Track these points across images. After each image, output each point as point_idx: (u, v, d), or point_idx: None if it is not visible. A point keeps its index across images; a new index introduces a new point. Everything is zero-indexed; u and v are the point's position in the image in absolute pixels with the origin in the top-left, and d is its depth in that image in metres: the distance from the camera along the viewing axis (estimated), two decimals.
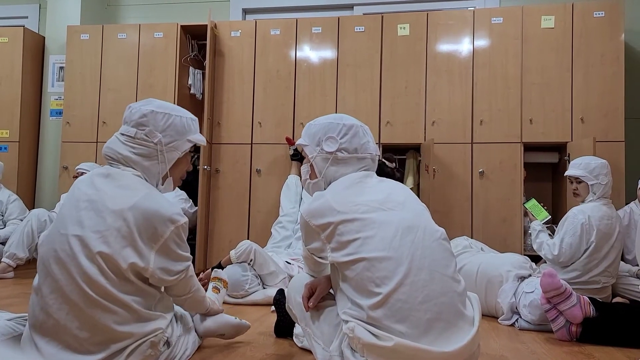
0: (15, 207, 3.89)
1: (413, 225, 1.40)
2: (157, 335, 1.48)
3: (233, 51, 4.11)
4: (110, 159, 1.58)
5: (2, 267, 3.47)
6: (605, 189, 2.86)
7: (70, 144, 4.24)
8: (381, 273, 1.32)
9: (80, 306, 1.39)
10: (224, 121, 4.07)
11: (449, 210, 3.69)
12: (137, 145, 1.57)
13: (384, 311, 1.29)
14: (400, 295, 1.30)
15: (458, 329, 1.32)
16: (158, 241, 1.46)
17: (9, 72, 4.48)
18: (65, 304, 1.40)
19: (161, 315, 1.53)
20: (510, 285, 2.53)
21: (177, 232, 1.50)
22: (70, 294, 1.39)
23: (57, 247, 1.43)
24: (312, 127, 1.65)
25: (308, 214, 1.46)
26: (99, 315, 1.39)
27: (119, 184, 1.51)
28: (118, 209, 1.45)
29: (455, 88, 3.79)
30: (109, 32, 4.30)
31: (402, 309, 1.29)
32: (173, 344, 1.59)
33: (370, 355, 1.29)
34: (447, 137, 3.76)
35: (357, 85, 3.91)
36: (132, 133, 1.57)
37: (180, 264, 1.54)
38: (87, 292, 1.38)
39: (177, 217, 1.50)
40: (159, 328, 1.49)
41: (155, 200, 1.50)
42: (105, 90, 4.26)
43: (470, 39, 3.79)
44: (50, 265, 1.43)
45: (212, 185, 4.03)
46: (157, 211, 1.47)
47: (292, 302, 1.66)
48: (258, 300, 2.85)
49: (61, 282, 1.40)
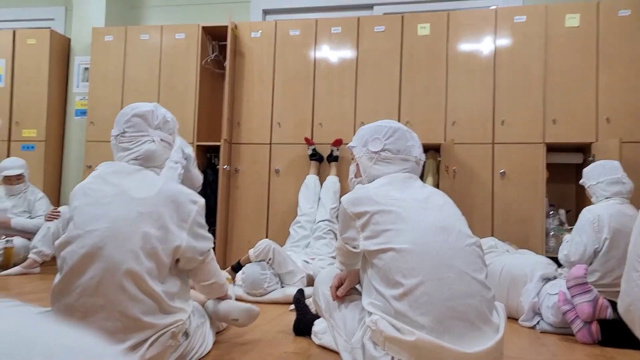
0: (41, 205, 3.98)
1: (447, 226, 1.43)
2: (177, 326, 1.52)
3: (253, 52, 4.14)
4: (148, 161, 1.64)
5: (28, 262, 3.56)
6: (615, 188, 2.77)
7: (93, 143, 4.32)
8: (409, 265, 1.35)
9: (110, 297, 1.42)
10: (243, 121, 4.10)
11: (469, 211, 3.66)
12: (169, 150, 1.72)
13: (408, 303, 1.31)
14: (426, 289, 1.31)
15: (482, 333, 1.32)
16: (187, 221, 1.56)
17: (36, 73, 4.58)
18: (93, 296, 1.43)
19: (182, 307, 1.57)
20: (533, 285, 2.50)
21: (199, 212, 1.60)
22: (100, 287, 1.42)
23: (84, 243, 1.46)
24: (361, 130, 1.71)
25: (347, 202, 1.52)
26: (127, 304, 1.42)
27: (134, 177, 1.59)
28: (145, 197, 1.52)
29: (476, 88, 3.75)
30: (132, 34, 4.37)
31: (426, 302, 1.30)
32: (191, 334, 1.63)
33: (391, 348, 1.31)
34: (467, 138, 3.73)
35: (377, 85, 3.90)
36: (170, 140, 1.70)
37: (206, 243, 1.63)
38: (121, 282, 1.41)
39: (197, 197, 1.61)
40: (180, 319, 1.53)
41: (175, 184, 1.62)
42: (128, 91, 4.33)
43: (492, 38, 3.76)
44: (77, 262, 1.45)
45: (231, 185, 4.06)
46: (181, 193, 1.58)
47: (319, 293, 1.72)
48: (277, 298, 2.86)
49: (90, 276, 1.43)
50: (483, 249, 1.51)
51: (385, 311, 1.35)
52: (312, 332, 2.02)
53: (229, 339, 2.00)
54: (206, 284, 1.72)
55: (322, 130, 3.96)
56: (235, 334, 2.07)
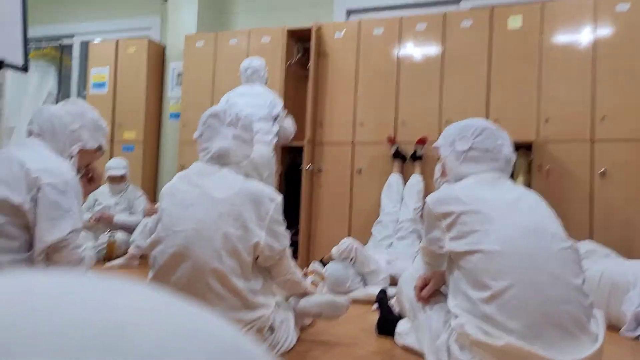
0: (140, 203, 4.28)
1: (540, 228, 1.37)
2: (262, 322, 1.56)
3: (336, 52, 4.17)
4: (223, 158, 1.70)
5: (129, 255, 3.83)
6: None
7: (186, 144, 4.57)
8: (497, 267, 1.30)
9: (199, 295, 1.50)
10: (326, 121, 4.14)
11: (564, 213, 3.40)
12: (246, 146, 1.78)
13: (497, 306, 1.26)
14: (516, 293, 1.26)
15: (578, 341, 1.24)
16: (265, 219, 1.60)
17: (135, 79, 4.93)
18: (183, 294, 1.51)
19: (265, 303, 1.61)
20: (637, 293, 2.30)
21: (277, 209, 1.64)
22: (189, 285, 1.51)
23: (172, 243, 1.56)
24: (448, 129, 1.69)
25: (432, 201, 1.50)
26: (214, 302, 1.50)
27: (216, 177, 1.65)
28: (224, 197, 1.58)
29: (572, 82, 3.52)
30: (222, 39, 4.57)
31: (517, 306, 1.25)
32: (276, 329, 1.67)
33: (478, 352, 1.27)
34: (562, 135, 3.50)
35: (463, 82, 3.78)
36: (245, 136, 1.76)
37: (284, 240, 1.67)
38: (207, 280, 1.50)
39: (274, 195, 1.66)
40: (264, 315, 1.58)
41: (254, 184, 1.67)
42: (217, 94, 4.52)
43: (590, 30, 3.50)
44: (167, 261, 1.56)
45: (314, 185, 4.11)
46: (261, 191, 1.63)
47: (403, 294, 1.70)
48: (359, 297, 2.86)
49: (180, 275, 1.53)
50: (579, 252, 1.42)
51: (472, 314, 1.31)
52: (396, 333, 1.99)
53: (311, 336, 2.02)
54: (282, 281, 1.76)
55: (406, 128, 3.90)
56: (318, 332, 2.10)
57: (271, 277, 1.74)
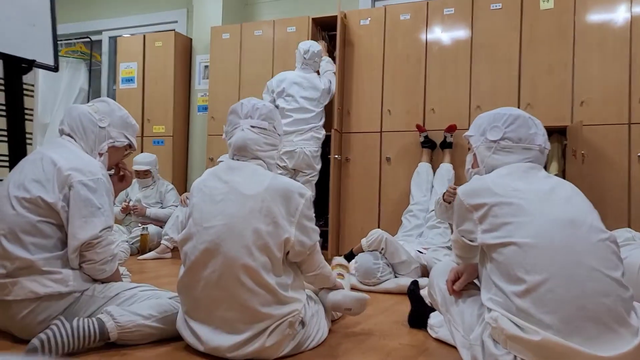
0: (171, 195, 4.34)
1: (576, 220, 1.32)
2: (294, 316, 1.57)
3: (362, 40, 4.11)
4: (243, 150, 1.70)
5: (161, 248, 3.91)
6: None
7: (214, 137, 4.60)
8: (532, 260, 1.26)
9: (230, 290, 1.53)
10: (353, 110, 4.10)
11: (600, 199, 3.33)
12: (268, 136, 1.74)
13: (531, 300, 1.23)
14: (552, 286, 1.22)
15: (618, 335, 1.20)
16: (295, 215, 1.60)
17: (162, 72, 4.98)
18: (215, 289, 1.55)
19: (296, 297, 1.62)
20: None
21: (307, 205, 1.63)
22: (220, 280, 1.53)
23: (203, 239, 1.58)
24: (479, 119, 1.65)
25: (464, 193, 1.47)
26: (246, 297, 1.52)
27: (245, 173, 1.65)
28: (254, 193, 1.58)
29: (608, 63, 3.38)
30: (247, 30, 4.56)
31: (552, 300, 1.21)
32: (307, 323, 1.68)
33: (514, 347, 1.24)
34: (598, 118, 3.38)
35: (493, 66, 3.68)
36: (265, 125, 1.73)
37: (314, 235, 1.67)
38: (238, 276, 1.51)
39: (304, 190, 1.64)
40: (296, 309, 1.59)
41: (283, 179, 1.66)
42: (243, 86, 4.54)
43: (627, 7, 3.35)
44: (198, 257, 1.58)
45: (342, 174, 4.10)
46: (290, 187, 1.62)
47: (435, 286, 1.68)
48: (390, 288, 2.84)
49: (211, 271, 1.54)
50: (618, 244, 1.36)
51: (506, 308, 1.28)
52: (428, 325, 1.97)
53: (343, 328, 2.02)
54: (311, 275, 1.77)
55: (435, 116, 3.83)
56: (350, 324, 2.09)
57: (301, 272, 1.74)
